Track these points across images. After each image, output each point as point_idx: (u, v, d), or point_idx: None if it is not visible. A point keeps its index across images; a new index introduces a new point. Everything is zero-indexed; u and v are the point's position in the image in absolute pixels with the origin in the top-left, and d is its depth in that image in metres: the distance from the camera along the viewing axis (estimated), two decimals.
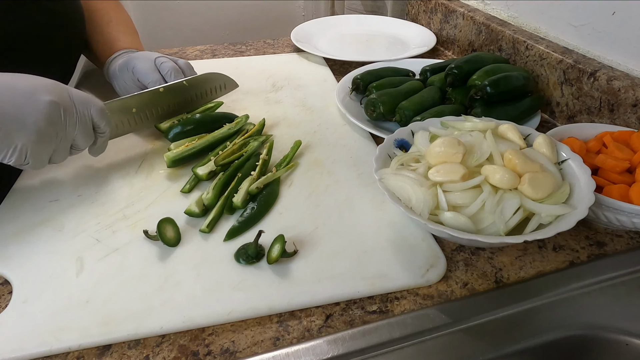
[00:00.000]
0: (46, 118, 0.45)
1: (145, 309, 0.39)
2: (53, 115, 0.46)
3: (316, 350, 0.37)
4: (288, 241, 0.45)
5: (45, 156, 0.48)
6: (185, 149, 0.57)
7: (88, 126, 0.50)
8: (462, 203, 0.41)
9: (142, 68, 0.64)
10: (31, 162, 0.46)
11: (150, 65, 0.64)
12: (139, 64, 0.65)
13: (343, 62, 0.89)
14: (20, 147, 0.44)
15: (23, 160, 0.45)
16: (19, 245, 0.46)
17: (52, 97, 0.46)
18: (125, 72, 0.66)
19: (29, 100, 0.44)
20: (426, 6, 1.02)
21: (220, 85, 0.70)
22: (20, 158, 0.45)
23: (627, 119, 0.57)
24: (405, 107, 0.62)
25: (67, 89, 0.49)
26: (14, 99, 0.44)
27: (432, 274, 0.42)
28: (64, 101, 0.47)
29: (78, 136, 0.49)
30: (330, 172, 0.57)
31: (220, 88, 0.70)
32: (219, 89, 0.70)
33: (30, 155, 0.45)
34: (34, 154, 0.45)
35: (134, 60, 0.65)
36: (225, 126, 0.62)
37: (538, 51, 0.70)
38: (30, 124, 0.44)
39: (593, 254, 0.46)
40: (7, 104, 0.43)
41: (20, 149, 0.44)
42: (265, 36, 1.10)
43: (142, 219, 0.49)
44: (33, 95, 0.45)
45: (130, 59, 0.66)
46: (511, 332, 0.39)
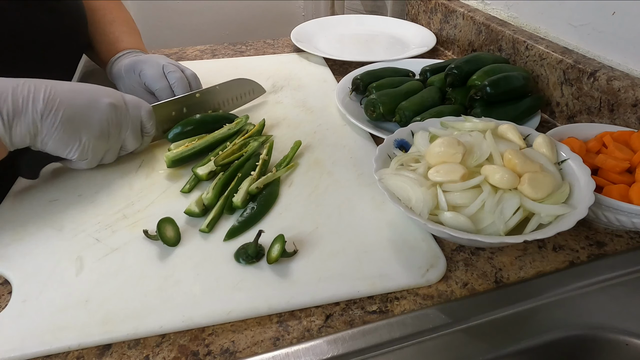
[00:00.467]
0: (107, 118, 0.51)
1: (145, 308, 0.39)
2: (112, 115, 0.52)
3: (316, 350, 0.37)
4: (288, 241, 0.45)
5: (101, 153, 0.53)
6: (185, 149, 0.57)
7: (138, 127, 0.56)
8: (462, 203, 0.41)
9: (151, 74, 0.65)
10: (90, 157, 0.52)
11: (158, 71, 0.65)
12: (146, 69, 0.65)
13: (343, 62, 0.89)
14: (84, 142, 0.50)
15: (84, 154, 0.51)
16: (19, 245, 0.46)
17: (112, 100, 0.52)
18: (131, 74, 0.66)
19: (93, 102, 0.51)
20: (426, 6, 1.02)
21: (249, 91, 0.74)
22: (83, 152, 0.50)
23: (627, 119, 0.57)
24: (405, 108, 0.62)
25: (121, 94, 0.55)
26: (82, 101, 0.50)
27: (432, 274, 0.42)
28: (119, 104, 0.53)
29: (129, 136, 0.55)
30: (330, 173, 0.57)
31: (249, 93, 0.74)
32: (248, 93, 0.74)
33: (91, 151, 0.51)
34: (94, 150, 0.51)
35: (141, 64, 0.66)
36: (225, 126, 0.62)
37: (538, 51, 0.70)
38: (95, 123, 0.50)
39: (593, 254, 0.46)
40: (77, 104, 0.49)
41: (84, 144, 0.50)
42: (265, 36, 1.10)
43: (142, 218, 0.49)
44: (96, 98, 0.51)
45: (137, 62, 0.66)
46: (511, 332, 0.39)
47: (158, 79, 0.65)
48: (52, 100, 0.47)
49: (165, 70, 0.66)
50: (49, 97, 0.47)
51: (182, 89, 0.65)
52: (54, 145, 0.49)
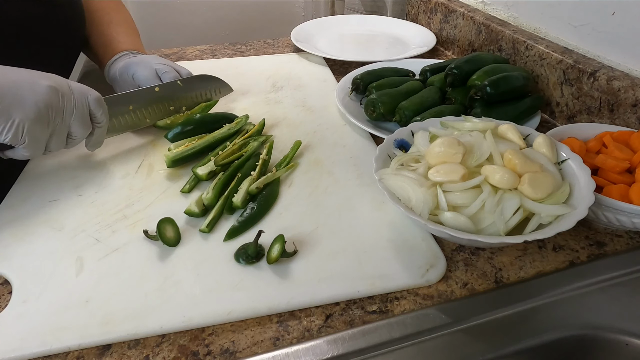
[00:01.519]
0: (45, 100, 0.48)
1: (145, 308, 0.39)
2: (51, 98, 0.48)
3: (316, 350, 0.36)
4: (288, 241, 0.45)
5: (42, 139, 0.49)
6: (185, 149, 0.57)
7: (85, 114, 0.52)
8: (462, 203, 0.41)
9: (143, 75, 0.65)
10: (27, 141, 0.47)
11: (150, 72, 0.65)
12: (139, 71, 0.65)
13: (343, 62, 0.89)
14: (17, 122, 0.46)
15: (19, 138, 0.47)
16: (19, 245, 0.46)
17: (51, 83, 0.49)
18: (125, 77, 0.66)
19: (29, 83, 0.48)
20: (426, 6, 1.02)
21: (215, 89, 0.71)
22: (17, 134, 0.47)
23: (627, 119, 0.57)
24: (405, 107, 0.62)
25: (66, 80, 0.52)
26: (16, 80, 0.47)
27: (432, 274, 0.42)
28: (62, 88, 0.50)
29: (75, 123, 0.51)
30: (330, 172, 0.57)
31: (214, 92, 0.71)
32: (214, 92, 0.71)
33: (27, 133, 0.47)
34: (31, 133, 0.47)
35: (134, 66, 0.66)
36: (225, 126, 0.62)
37: (538, 51, 0.70)
38: (30, 103, 0.47)
39: (593, 254, 0.46)
40: (9, 82, 0.46)
41: (17, 124, 0.46)
42: (265, 36, 1.09)
43: (142, 219, 0.49)
44: (34, 80, 0.48)
45: (129, 65, 0.66)
46: (511, 332, 0.39)
47: (151, 80, 0.65)
48: None
49: (159, 72, 0.66)
50: None
51: None
52: None
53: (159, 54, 0.95)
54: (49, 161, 0.58)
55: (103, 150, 0.61)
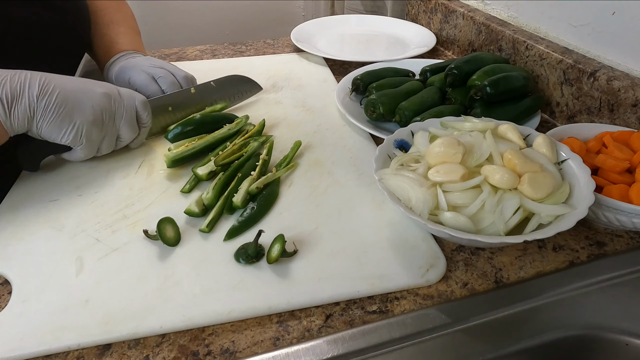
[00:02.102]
0: (100, 104, 0.53)
1: (145, 308, 0.39)
2: (105, 103, 0.54)
3: (316, 350, 0.36)
4: (288, 241, 0.45)
5: (96, 141, 0.54)
6: (185, 149, 0.57)
7: (133, 116, 0.57)
8: (462, 203, 0.41)
9: (139, 80, 0.66)
10: (85, 142, 0.53)
11: (145, 76, 0.66)
12: (134, 76, 0.66)
13: (343, 62, 0.89)
14: (78, 124, 0.51)
15: (79, 139, 0.52)
16: (19, 245, 0.46)
17: (105, 90, 0.54)
18: (121, 82, 0.67)
19: (86, 89, 0.53)
20: (426, 6, 1.02)
21: (246, 89, 0.74)
22: (77, 136, 0.52)
23: (627, 119, 0.57)
24: (405, 108, 0.62)
25: (115, 86, 0.57)
26: (75, 88, 0.52)
27: (432, 274, 0.42)
28: (113, 93, 0.55)
29: (124, 126, 0.56)
30: (330, 173, 0.57)
31: (245, 91, 0.74)
32: (245, 91, 0.73)
33: (85, 135, 0.52)
34: (88, 135, 0.53)
35: (128, 71, 0.66)
36: (225, 127, 0.62)
37: (538, 51, 0.70)
38: (88, 107, 0.52)
39: (593, 254, 0.46)
40: (70, 90, 0.51)
41: (78, 127, 0.51)
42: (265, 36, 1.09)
43: (142, 218, 0.49)
44: (89, 87, 0.54)
45: (124, 70, 0.67)
46: (511, 332, 0.39)
47: (148, 85, 0.65)
48: (46, 85, 0.49)
49: (155, 76, 0.66)
50: (43, 82, 0.49)
51: None
52: (48, 129, 0.50)
53: (158, 54, 0.95)
54: (49, 161, 0.58)
55: None
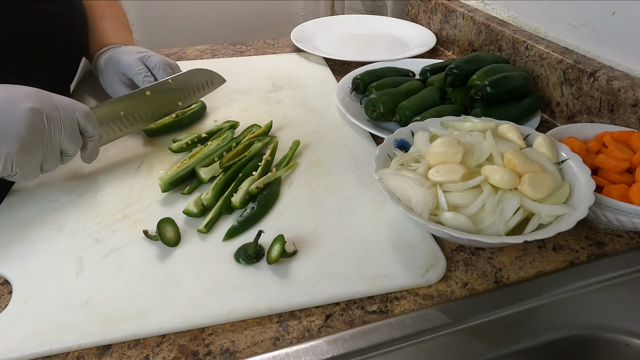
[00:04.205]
0: (28, 126, 0.44)
1: (145, 308, 0.39)
2: (36, 122, 0.44)
3: (316, 350, 0.36)
4: (288, 241, 0.45)
5: (34, 165, 0.46)
6: (178, 169, 0.53)
7: (75, 131, 0.49)
8: (462, 203, 0.41)
9: (127, 60, 0.63)
10: (20, 172, 0.45)
11: (134, 57, 0.64)
12: (123, 57, 0.64)
13: (343, 62, 0.89)
14: (4, 158, 0.43)
15: (10, 171, 0.44)
16: (19, 245, 0.46)
17: (33, 104, 0.45)
18: (110, 66, 0.66)
19: (9, 108, 0.43)
20: (426, 6, 1.02)
21: (207, 82, 0.69)
22: (6, 169, 0.44)
23: (627, 119, 0.57)
24: (405, 107, 0.62)
25: (50, 95, 0.48)
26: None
27: (432, 274, 0.42)
28: (46, 107, 0.46)
29: (65, 142, 0.48)
30: (330, 172, 0.57)
31: (207, 84, 0.69)
32: (206, 85, 0.69)
33: (17, 166, 0.44)
34: (21, 164, 0.44)
35: (118, 54, 0.65)
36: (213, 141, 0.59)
37: (538, 51, 0.70)
38: (13, 134, 0.43)
39: (593, 254, 0.46)
40: None
41: (4, 160, 0.43)
42: (265, 36, 1.10)
43: (142, 219, 0.49)
44: (13, 104, 0.44)
45: (115, 53, 0.66)
46: (511, 332, 0.39)
47: (134, 65, 0.63)
48: None
49: (143, 57, 0.65)
50: None
51: (162, 73, 0.64)
52: None
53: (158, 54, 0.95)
54: None
55: (103, 150, 0.60)
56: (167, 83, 0.63)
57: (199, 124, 0.68)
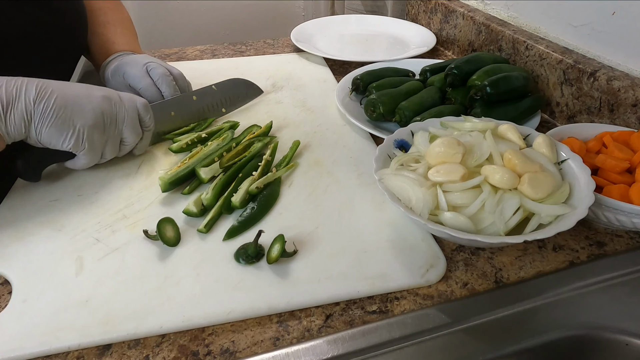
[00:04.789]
0: (100, 107, 0.52)
1: (145, 308, 0.39)
2: (106, 106, 0.53)
3: (316, 350, 0.36)
4: (288, 241, 0.45)
5: (99, 145, 0.53)
6: (178, 169, 0.54)
7: (135, 119, 0.56)
8: (462, 203, 0.41)
9: (133, 73, 0.65)
10: (87, 146, 0.52)
11: (140, 70, 0.65)
12: (129, 70, 0.65)
13: (343, 62, 0.89)
14: (78, 128, 0.50)
15: (80, 144, 0.51)
16: (19, 245, 0.46)
17: (105, 93, 0.54)
18: (117, 77, 0.67)
19: (86, 93, 0.52)
20: (426, 6, 1.02)
21: (247, 92, 0.73)
22: (78, 140, 0.51)
23: (627, 119, 0.57)
24: (405, 108, 0.62)
25: (115, 90, 0.56)
26: (74, 91, 0.51)
27: (432, 274, 0.42)
28: (114, 96, 0.54)
29: (127, 128, 0.55)
30: (330, 172, 0.57)
31: (247, 95, 0.73)
32: (246, 95, 0.73)
33: (87, 139, 0.51)
34: (90, 139, 0.51)
35: (124, 66, 0.66)
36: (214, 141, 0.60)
37: (538, 51, 0.70)
38: (88, 110, 0.51)
39: (593, 254, 0.46)
40: (69, 94, 0.50)
41: (79, 131, 0.50)
42: (265, 36, 1.09)
43: (142, 218, 0.49)
44: (89, 91, 0.53)
45: (121, 65, 0.67)
46: (511, 332, 0.39)
47: (141, 78, 0.65)
48: (44, 89, 0.48)
49: (148, 68, 0.66)
50: (40, 87, 0.48)
51: (166, 85, 0.65)
52: (48, 133, 0.49)
53: (158, 54, 0.95)
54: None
55: None
56: (211, 89, 0.68)
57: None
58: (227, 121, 0.66)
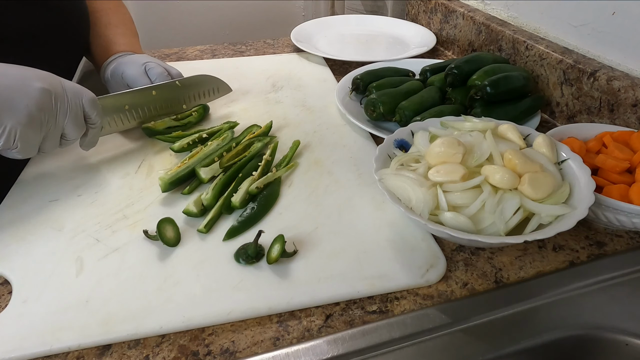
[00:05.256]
0: (37, 103, 0.46)
1: (145, 308, 0.39)
2: (44, 101, 0.47)
3: (316, 350, 0.36)
4: (288, 241, 0.45)
5: (35, 142, 0.48)
6: (178, 169, 0.53)
7: (79, 115, 0.51)
8: (462, 203, 0.41)
9: (131, 74, 0.65)
10: (20, 146, 0.46)
11: (138, 70, 0.65)
12: (127, 70, 0.65)
13: (343, 62, 0.89)
14: (9, 128, 0.45)
15: (12, 144, 0.46)
16: (19, 245, 0.46)
17: (44, 85, 0.47)
18: (115, 77, 0.67)
19: (21, 85, 0.46)
20: (426, 6, 1.02)
21: (213, 89, 0.71)
22: (8, 140, 0.45)
23: (627, 119, 0.57)
24: (405, 107, 0.62)
25: (60, 79, 0.50)
26: (6, 83, 0.45)
27: (432, 274, 0.42)
28: (55, 89, 0.48)
29: (69, 125, 0.50)
30: (330, 172, 0.57)
31: (213, 91, 0.71)
32: (212, 92, 0.71)
33: (19, 139, 0.46)
34: (23, 138, 0.46)
35: (123, 65, 0.66)
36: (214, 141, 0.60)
37: (538, 51, 0.70)
38: (21, 108, 0.45)
39: (593, 254, 0.46)
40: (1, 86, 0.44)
41: (9, 131, 0.45)
42: (265, 36, 1.09)
43: (142, 219, 0.49)
44: (25, 81, 0.46)
45: (119, 65, 0.67)
46: (511, 332, 0.39)
47: (139, 78, 0.64)
48: None
49: (146, 68, 0.66)
50: None
51: None
52: None
53: (159, 54, 0.95)
54: (49, 161, 0.58)
55: (103, 150, 0.61)
56: (174, 84, 0.65)
57: (199, 125, 0.68)
58: (227, 121, 0.66)
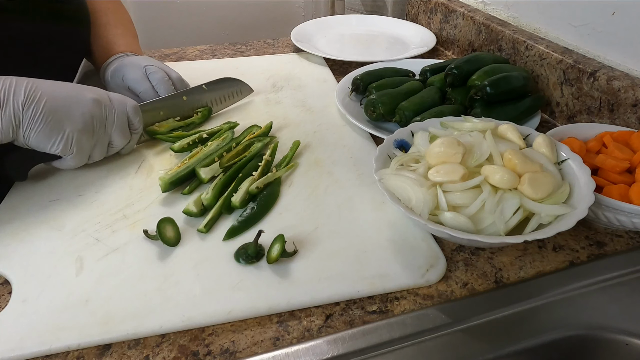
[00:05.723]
0: (90, 111, 0.51)
1: (145, 308, 0.39)
2: (96, 110, 0.52)
3: (316, 350, 0.36)
4: (288, 241, 0.45)
5: (87, 148, 0.53)
6: (179, 169, 0.54)
7: (124, 122, 0.56)
8: (462, 203, 0.41)
9: (132, 77, 0.65)
10: (75, 150, 0.51)
11: (139, 73, 0.66)
12: (128, 73, 0.66)
13: (343, 62, 0.89)
14: (67, 133, 0.50)
15: (69, 148, 0.51)
16: (19, 245, 0.46)
17: (95, 95, 0.53)
18: (116, 79, 0.67)
19: (76, 95, 0.51)
20: (426, 6, 1.02)
21: (237, 91, 0.73)
22: (67, 145, 0.50)
23: (627, 119, 0.57)
24: (405, 108, 0.62)
25: (106, 91, 0.56)
26: (64, 95, 0.50)
27: (432, 274, 0.42)
28: (104, 99, 0.54)
29: (116, 132, 0.55)
30: (330, 172, 0.57)
31: (237, 93, 0.73)
32: (236, 94, 0.73)
33: (75, 144, 0.51)
34: (79, 143, 0.51)
35: (123, 68, 0.66)
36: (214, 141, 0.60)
37: (538, 51, 0.70)
38: (78, 115, 0.50)
39: (593, 254, 0.46)
40: (58, 97, 0.49)
41: (67, 136, 0.50)
42: (265, 36, 1.10)
43: (142, 218, 0.49)
44: (79, 93, 0.52)
45: (120, 67, 0.67)
46: (511, 332, 0.39)
47: (140, 82, 0.65)
48: (33, 93, 0.47)
49: (147, 72, 0.66)
50: (30, 89, 0.47)
51: (165, 90, 0.65)
52: (36, 138, 0.48)
53: (159, 54, 0.95)
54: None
55: None
56: (201, 89, 0.68)
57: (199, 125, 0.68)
58: (227, 122, 0.66)
